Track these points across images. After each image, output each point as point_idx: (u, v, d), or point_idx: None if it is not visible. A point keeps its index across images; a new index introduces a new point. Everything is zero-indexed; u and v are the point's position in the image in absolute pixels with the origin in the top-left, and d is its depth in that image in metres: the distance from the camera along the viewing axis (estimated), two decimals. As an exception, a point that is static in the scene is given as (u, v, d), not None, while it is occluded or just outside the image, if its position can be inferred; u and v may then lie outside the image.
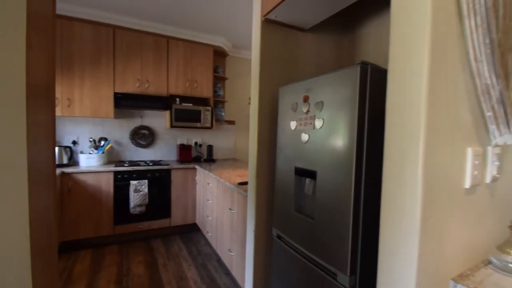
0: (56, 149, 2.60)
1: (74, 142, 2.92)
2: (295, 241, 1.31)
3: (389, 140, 0.81)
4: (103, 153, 2.87)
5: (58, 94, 2.65)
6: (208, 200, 2.73)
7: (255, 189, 1.58)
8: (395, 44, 0.78)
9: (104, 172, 2.67)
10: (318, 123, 1.16)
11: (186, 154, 3.45)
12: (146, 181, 2.85)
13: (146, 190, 2.85)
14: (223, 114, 3.67)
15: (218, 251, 2.45)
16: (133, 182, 2.78)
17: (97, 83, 2.81)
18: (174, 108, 3.18)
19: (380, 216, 0.84)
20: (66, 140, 2.94)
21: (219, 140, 3.92)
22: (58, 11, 2.64)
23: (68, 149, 2.76)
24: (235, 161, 3.67)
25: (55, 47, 0.93)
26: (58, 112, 2.65)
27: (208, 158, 3.61)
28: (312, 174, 1.20)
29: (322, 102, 1.14)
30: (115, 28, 2.88)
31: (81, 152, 2.87)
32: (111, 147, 3.13)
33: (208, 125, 3.41)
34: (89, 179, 2.61)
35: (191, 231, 3.23)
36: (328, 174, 1.10)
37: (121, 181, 2.76)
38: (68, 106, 2.70)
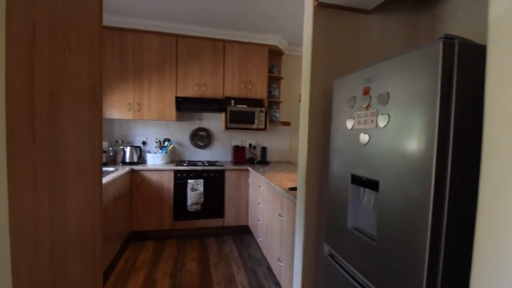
0: (128, 148, 2.93)
1: (144, 143, 3.25)
2: (350, 263, 1.09)
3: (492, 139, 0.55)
4: (166, 153, 3.11)
5: (130, 99, 2.98)
6: (259, 203, 2.65)
7: (305, 197, 1.41)
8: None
9: (166, 170, 2.88)
10: (381, 121, 0.93)
11: (240, 156, 3.46)
12: (201, 180, 2.96)
13: (201, 189, 2.95)
14: (277, 115, 3.57)
15: (268, 258, 2.34)
16: (190, 181, 2.92)
17: (162, 88, 3.07)
18: (229, 110, 3.23)
19: (473, 241, 0.58)
20: (138, 141, 3.30)
21: (274, 142, 3.83)
22: (129, 25, 2.99)
23: (138, 148, 3.08)
24: (290, 164, 3.51)
25: (100, 54, 0.97)
26: (130, 115, 2.99)
27: (261, 160, 3.56)
28: (373, 184, 0.97)
29: (388, 94, 0.90)
30: (177, 37, 3.10)
31: (148, 152, 3.17)
32: (173, 147, 3.37)
33: (262, 126, 3.35)
34: (153, 176, 2.86)
35: (243, 233, 3.21)
36: (395, 185, 0.87)
37: (180, 180, 2.93)
38: (139, 110, 3.01)
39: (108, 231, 2.15)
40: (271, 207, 2.23)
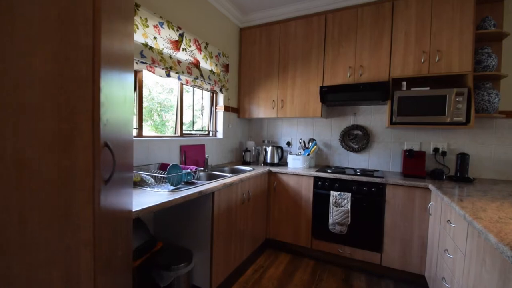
0: (269, 149, 2.74)
1: (288, 143, 2.97)
2: None
3: None
4: (308, 155, 2.63)
5: (274, 96, 2.79)
6: (446, 252, 1.50)
7: None
8: None
9: (304, 176, 2.40)
10: None
11: (416, 166, 2.30)
12: (349, 194, 2.19)
13: (348, 206, 2.19)
14: (495, 99, 2.03)
15: None
16: (333, 193, 2.25)
17: (307, 80, 2.63)
18: (397, 96, 2.21)
19: None
20: (283, 141, 3.08)
21: (485, 146, 2.25)
22: (275, 18, 2.79)
23: (280, 149, 2.84)
24: (526, 188, 1.86)
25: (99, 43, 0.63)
26: (273, 113, 2.80)
27: (458, 175, 2.17)
28: None
29: None
30: (326, 13, 2.54)
31: (290, 153, 2.84)
32: (316, 149, 2.83)
33: (461, 119, 2.01)
34: (290, 181, 2.47)
35: (412, 284, 2.06)
36: None
37: (321, 189, 2.33)
38: (282, 107, 2.76)
39: (235, 233, 1.99)
40: (477, 270, 1.11)
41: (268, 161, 2.74)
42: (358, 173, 2.29)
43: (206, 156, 2.40)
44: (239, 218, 2.04)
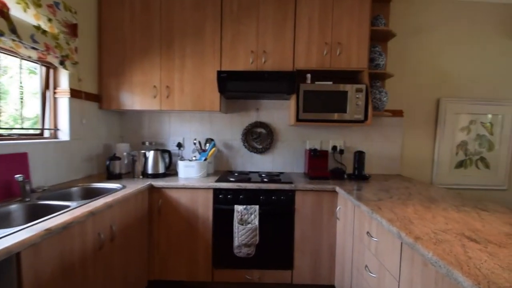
0: (151, 154, 1.97)
1: (179, 145, 2.28)
2: None
3: None
4: (205, 159, 2.05)
5: (156, 81, 2.04)
6: (367, 269, 1.29)
7: None
8: None
9: (200, 188, 1.81)
10: None
11: (320, 166, 2.15)
12: (256, 207, 1.78)
13: (256, 222, 1.77)
14: (384, 98, 2.10)
15: None
16: (238, 208, 1.77)
17: (200, 62, 2.02)
18: (303, 90, 1.96)
19: None
20: (172, 143, 2.36)
21: (374, 143, 2.36)
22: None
23: (166, 154, 2.12)
24: (406, 181, 1.98)
25: None
26: (156, 104, 2.04)
27: (355, 173, 2.14)
28: None
29: None
30: (222, -20, 2.01)
31: (181, 158, 2.17)
32: (216, 151, 2.30)
33: (360, 116, 1.95)
34: (182, 197, 1.82)
35: (326, 299, 1.89)
36: None
37: (223, 204, 1.82)
38: (167, 97, 2.04)
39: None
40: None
41: (150, 171, 1.96)
42: (265, 180, 1.92)
43: (27, 173, 1.40)
44: (95, 272, 1.23)
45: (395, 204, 1.34)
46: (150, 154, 1.97)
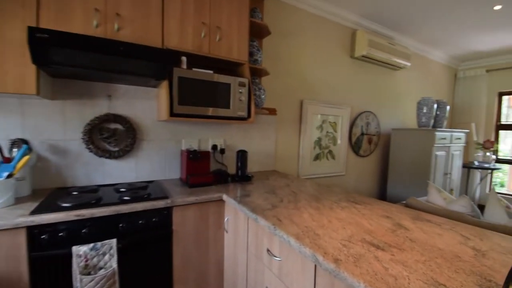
0: None
1: None
2: None
3: None
4: (11, 176, 1.19)
5: None
6: (269, 294, 1.10)
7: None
8: None
9: (-5, 232, 1.00)
10: None
11: (202, 171, 1.80)
12: (113, 241, 1.20)
13: (114, 263, 1.19)
14: (263, 96, 2.03)
15: None
16: (80, 250, 1.12)
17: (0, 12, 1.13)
18: (178, 76, 1.53)
19: None
20: None
21: (252, 141, 2.29)
22: None
23: None
24: (283, 177, 2.04)
25: None
26: None
27: (239, 174, 1.97)
28: None
29: None
30: None
31: None
32: (32, 159, 1.44)
33: (244, 114, 1.77)
34: None
35: (213, 328, 1.60)
36: None
37: (50, 248, 1.10)
38: None
39: None
40: None
41: None
42: (126, 198, 1.35)
43: None
44: None
45: (290, 210, 1.23)
46: None
